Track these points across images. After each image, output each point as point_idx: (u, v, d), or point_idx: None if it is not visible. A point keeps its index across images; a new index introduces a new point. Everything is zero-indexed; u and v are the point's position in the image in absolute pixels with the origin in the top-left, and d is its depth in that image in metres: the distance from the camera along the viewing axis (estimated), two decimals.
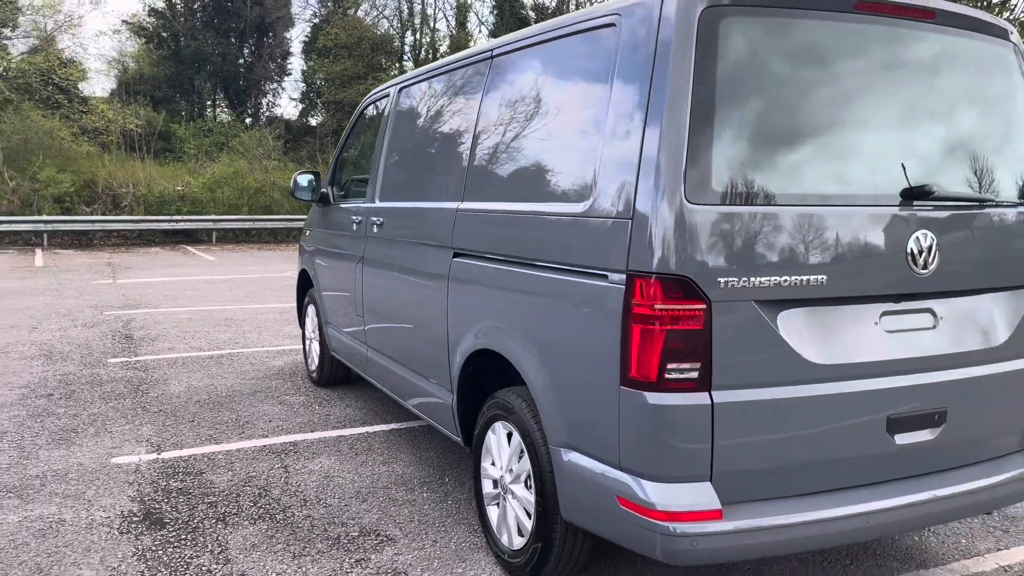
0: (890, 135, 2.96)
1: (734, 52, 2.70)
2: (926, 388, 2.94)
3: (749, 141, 2.71)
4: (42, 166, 22.10)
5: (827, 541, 2.84)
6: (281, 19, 38.24)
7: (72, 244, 21.10)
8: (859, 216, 2.80)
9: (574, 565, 3.24)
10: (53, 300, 11.20)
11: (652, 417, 2.63)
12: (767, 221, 2.67)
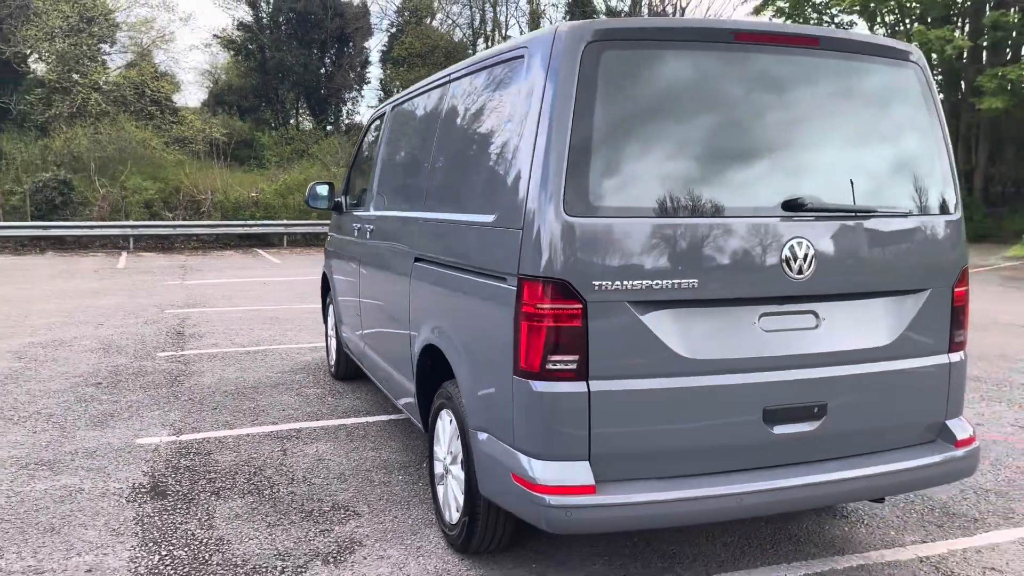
0: (772, 153, 3.24)
1: (614, 82, 3.05)
2: (805, 383, 3.22)
3: (625, 161, 3.04)
4: (130, 174, 23.60)
5: (696, 518, 3.15)
6: (360, 29, 39.46)
7: (155, 247, 22.46)
8: (731, 227, 3.10)
9: (499, 539, 3.62)
10: (124, 299, 12.15)
11: (537, 402, 3.01)
12: (639, 231, 3.00)
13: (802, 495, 3.20)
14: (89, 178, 23.47)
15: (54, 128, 27.06)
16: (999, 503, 4.50)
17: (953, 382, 3.57)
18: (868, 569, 3.73)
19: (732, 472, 3.15)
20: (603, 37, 3.04)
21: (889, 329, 3.39)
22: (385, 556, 3.79)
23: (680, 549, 3.88)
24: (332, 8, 37.57)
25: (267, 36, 37.24)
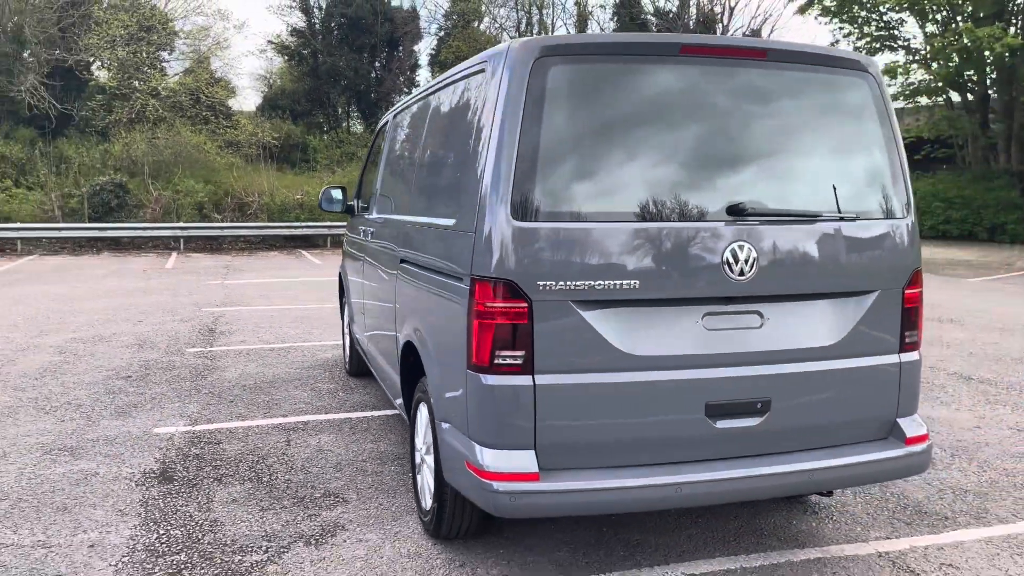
0: (717, 161, 3.39)
1: (561, 95, 3.24)
2: (748, 380, 3.37)
3: (570, 169, 3.23)
4: (181, 177, 24.44)
5: (635, 505, 3.32)
6: (409, 33, 40.05)
7: (204, 248, 23.21)
8: (673, 231, 3.26)
9: (467, 526, 3.83)
10: (166, 298, 12.68)
11: (487, 395, 3.21)
12: (582, 235, 3.19)
13: (743, 487, 3.35)
14: (144, 181, 24.37)
15: (114, 133, 28.13)
16: (975, 503, 4.55)
17: (904, 381, 3.67)
18: (825, 562, 3.85)
19: (674, 463, 3.32)
20: (551, 52, 3.23)
21: (834, 329, 3.51)
22: (364, 540, 4.04)
23: (644, 539, 4.05)
24: (382, 13, 38.24)
25: (319, 41, 38.02)
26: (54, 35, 30.67)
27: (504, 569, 3.74)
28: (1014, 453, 5.40)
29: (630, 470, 3.26)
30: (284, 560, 3.82)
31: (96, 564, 3.76)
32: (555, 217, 3.18)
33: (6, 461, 5.09)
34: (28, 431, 5.70)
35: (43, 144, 26.95)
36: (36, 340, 9.02)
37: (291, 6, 38.68)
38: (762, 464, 3.37)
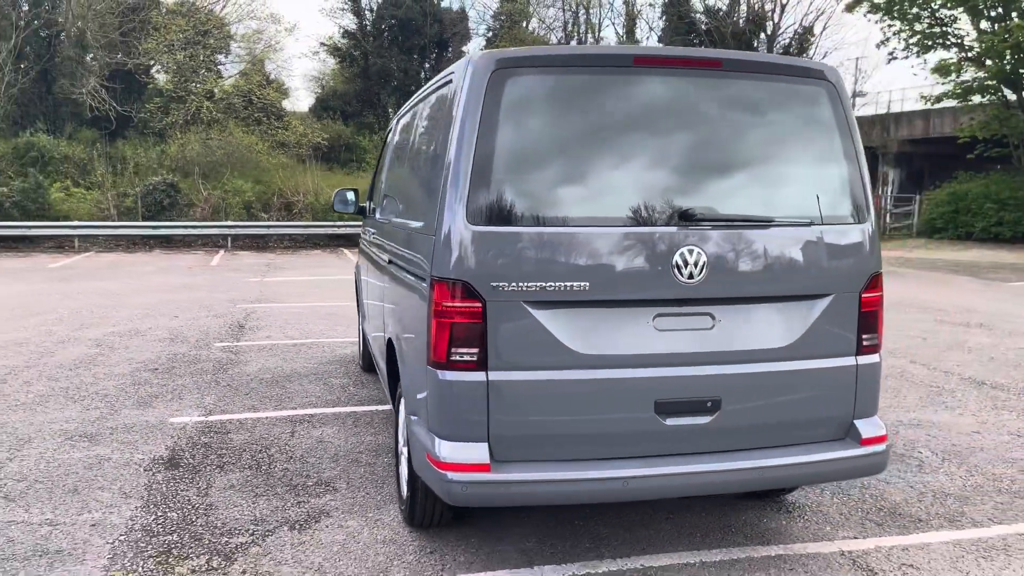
0: (671, 168, 3.51)
1: (517, 105, 3.40)
2: (698, 379, 3.49)
3: (525, 175, 3.39)
4: (230, 177, 25.16)
5: (583, 497, 3.48)
6: (457, 34, 40.48)
7: (251, 246, 23.86)
8: (623, 235, 3.39)
9: (439, 514, 4.02)
10: (204, 294, 13.15)
11: (444, 390, 3.40)
12: (535, 239, 3.34)
13: (690, 482, 3.47)
14: (195, 181, 25.15)
15: (170, 135, 29.07)
16: (953, 507, 4.58)
17: (862, 383, 3.74)
18: (785, 559, 3.94)
19: (624, 459, 3.45)
20: (507, 65, 3.40)
21: (787, 331, 3.60)
22: (344, 526, 4.26)
23: (612, 532, 4.19)
24: (431, 15, 38.73)
25: (370, 43, 38.63)
26: (115, 40, 31.76)
27: (471, 556, 3.92)
28: (1007, 458, 5.39)
29: (579, 464, 3.41)
30: (267, 543, 4.06)
31: (95, 541, 4.04)
32: (509, 221, 3.34)
33: (30, 446, 5.44)
34: (54, 418, 6.06)
35: (103, 145, 28.03)
36: (77, 333, 9.49)
37: (343, 8, 39.49)
38: (711, 461, 3.49)
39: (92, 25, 31.44)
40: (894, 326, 10.46)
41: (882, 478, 4.98)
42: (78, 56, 31.71)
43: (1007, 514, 4.49)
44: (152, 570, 3.77)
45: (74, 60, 31.45)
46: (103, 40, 31.72)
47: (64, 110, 31.24)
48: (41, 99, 31.78)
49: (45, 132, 28.25)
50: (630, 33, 41.22)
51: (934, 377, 7.65)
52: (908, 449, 5.55)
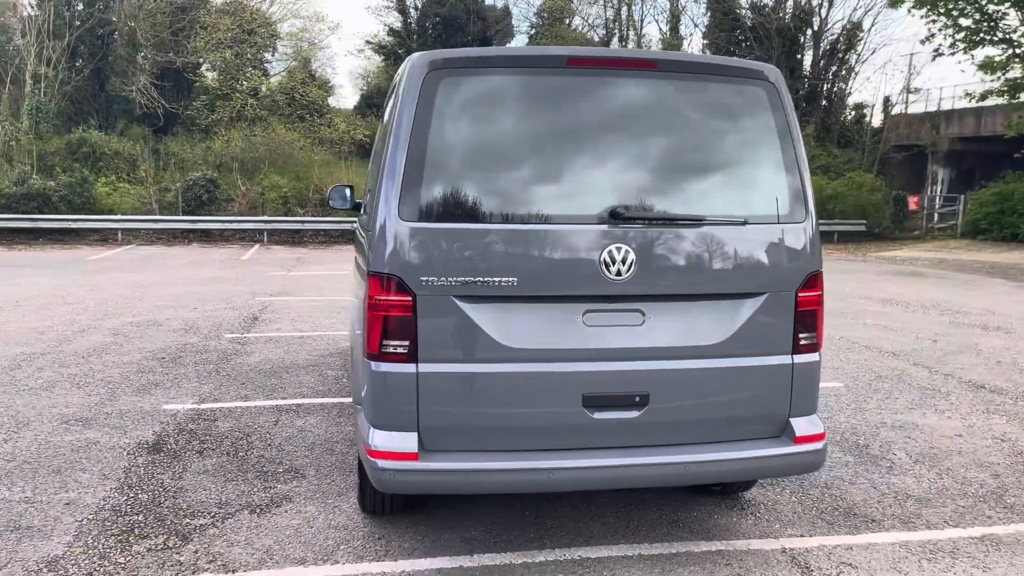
0: (602, 167, 3.58)
1: (450, 105, 3.50)
2: (626, 374, 3.55)
3: (456, 173, 3.49)
4: (267, 173, 25.68)
5: (508, 487, 3.58)
6: (500, 31, 40.67)
7: (286, 241, 24.32)
8: (550, 232, 3.47)
9: (389, 502, 4.15)
10: (228, 287, 13.50)
11: (377, 380, 3.52)
12: (463, 235, 3.44)
13: (616, 475, 3.54)
14: (234, 177, 25.72)
15: (215, 131, 29.77)
16: (912, 508, 4.56)
17: (798, 382, 3.76)
18: (724, 555, 3.98)
19: (550, 450, 3.54)
20: (441, 66, 3.50)
21: (719, 329, 3.64)
22: (303, 511, 4.41)
23: (559, 524, 4.27)
24: (475, 12, 38.97)
25: (415, 41, 38.99)
26: (165, 39, 32.61)
27: (416, 543, 4.04)
28: (983, 462, 5.32)
29: (505, 454, 3.50)
30: (225, 525, 4.23)
31: (65, 519, 4.25)
32: (440, 218, 3.45)
33: (28, 429, 5.71)
34: (56, 403, 6.34)
35: (151, 141, 28.83)
36: (98, 322, 9.85)
37: (388, 7, 39.97)
38: (638, 455, 3.55)
39: (143, 24, 32.32)
40: (908, 328, 10.31)
41: (847, 478, 4.98)
42: (129, 55, 32.61)
43: (965, 518, 4.45)
44: (111, 547, 3.96)
45: (125, 59, 32.35)
46: (153, 39, 32.60)
47: (116, 107, 32.19)
48: (94, 96, 32.79)
49: (97, 128, 29.18)
50: (674, 30, 40.88)
51: (932, 380, 7.54)
52: (883, 451, 5.51)
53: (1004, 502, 4.67)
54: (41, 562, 3.80)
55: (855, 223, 27.41)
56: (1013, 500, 4.70)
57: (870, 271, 18.44)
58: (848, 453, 5.45)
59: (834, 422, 6.14)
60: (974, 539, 4.20)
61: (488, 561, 3.87)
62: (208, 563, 3.82)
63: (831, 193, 27.20)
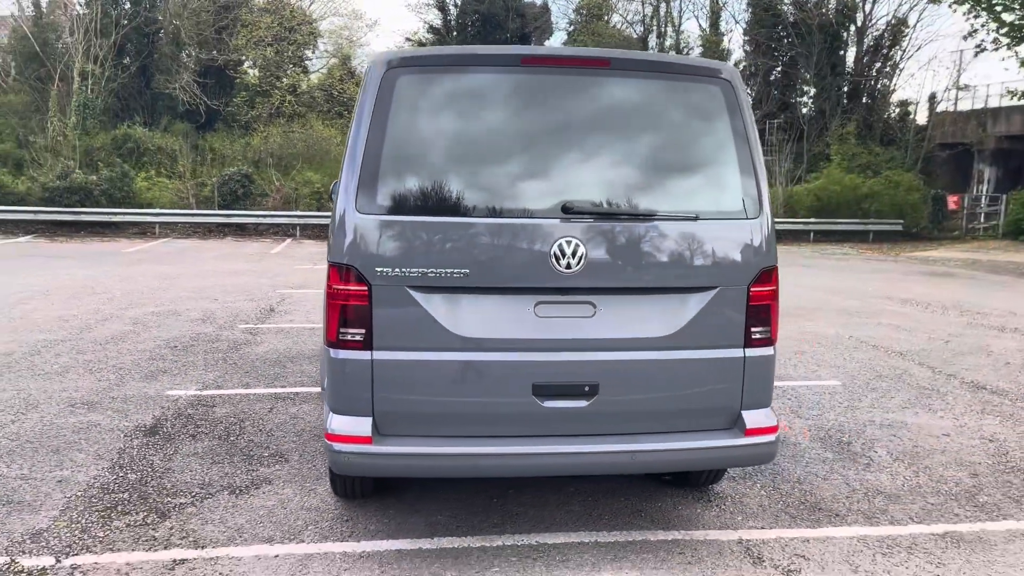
0: (555, 163, 3.67)
1: (406, 102, 3.63)
2: (575, 364, 3.65)
3: (411, 169, 3.61)
4: (301, 169, 26.12)
5: (456, 472, 3.70)
6: (539, 28, 40.80)
7: (318, 235, 24.67)
8: (502, 226, 3.58)
9: (358, 485, 4.30)
10: (252, 279, 13.82)
11: (335, 367, 3.66)
12: (417, 227, 3.56)
13: (564, 462, 3.64)
14: (268, 172, 26.21)
15: (255, 128, 30.36)
16: (879, 504, 4.58)
17: (750, 375, 3.82)
18: (680, 544, 4.05)
19: (501, 437, 3.65)
20: (399, 64, 3.63)
21: (669, 321, 3.72)
22: (280, 493, 4.58)
23: (523, 511, 4.38)
24: (514, 9, 39.16)
25: (454, 38, 39.28)
26: (208, 37, 33.32)
27: (381, 525, 4.18)
28: (964, 462, 5.31)
29: (456, 440, 3.63)
30: (203, 504, 4.41)
31: (55, 495, 4.48)
32: (396, 211, 3.58)
33: (37, 411, 5.99)
34: (67, 387, 6.62)
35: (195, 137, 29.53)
36: (121, 312, 10.19)
37: (428, 4, 40.39)
38: (585, 443, 3.65)
39: (187, 23, 33.04)
40: (922, 328, 10.19)
41: (821, 474, 5.01)
42: (173, 53, 33.37)
43: (931, 515, 4.46)
44: (93, 522, 4.17)
45: (169, 57, 33.12)
46: (197, 37, 33.33)
47: (160, 104, 32.99)
48: (140, 93, 33.62)
49: (142, 124, 29.96)
50: (714, 26, 40.53)
51: (934, 380, 7.48)
52: (864, 448, 5.52)
53: (976, 501, 4.67)
54: (26, 534, 4.02)
55: (891, 223, 27.00)
56: (986, 499, 4.69)
57: (899, 271, 18.18)
58: (829, 450, 5.47)
59: (822, 420, 6.15)
60: (935, 536, 4.21)
61: (447, 544, 3.99)
62: (181, 539, 4.01)
63: (866, 192, 26.83)
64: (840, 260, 21.11)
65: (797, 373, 7.64)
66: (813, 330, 9.90)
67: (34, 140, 27.19)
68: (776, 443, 3.86)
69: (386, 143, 3.58)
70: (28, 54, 31.78)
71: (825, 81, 35.20)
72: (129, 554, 3.85)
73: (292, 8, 36.24)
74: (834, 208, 27.23)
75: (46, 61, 31.50)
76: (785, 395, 6.82)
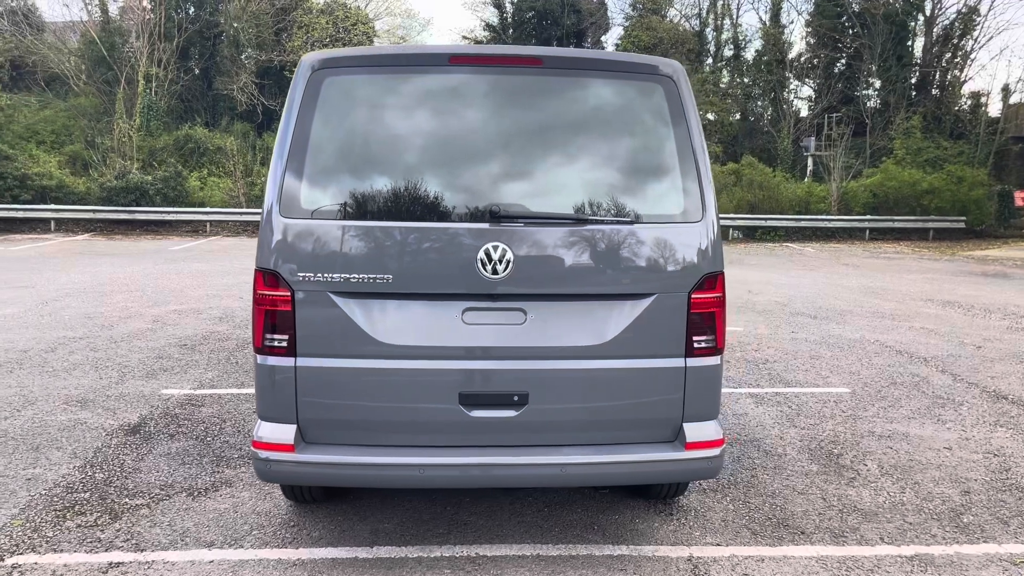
0: (483, 165, 3.56)
1: (332, 104, 3.56)
2: (504, 373, 3.53)
3: (334, 172, 3.54)
4: None
5: (378, 482, 3.61)
6: (595, 24, 40.56)
7: None
8: (425, 230, 3.48)
9: (307, 491, 4.26)
10: None
11: (261, 373, 3.62)
12: (339, 232, 3.49)
13: (490, 474, 3.52)
14: None
15: None
16: (851, 523, 4.34)
17: (692, 386, 3.64)
18: (624, 559, 3.90)
19: (426, 447, 3.56)
20: (325, 65, 3.56)
21: (603, 330, 3.57)
22: (236, 496, 4.58)
23: (473, 520, 4.28)
24: (569, 5, 39.03)
25: (510, 36, 39.31)
26: (267, 38, 34.01)
27: (325, 532, 4.13)
28: (960, 478, 5.00)
29: (379, 449, 3.55)
30: (158, 507, 4.43)
31: (20, 494, 4.56)
32: (318, 215, 3.51)
33: (33, 408, 6.13)
34: (68, 384, 6.77)
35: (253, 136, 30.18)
36: (145, 309, 10.42)
37: (485, 2, 40.59)
38: (512, 454, 3.53)
39: (246, 26, 33.77)
40: (956, 332, 9.72)
41: (799, 488, 4.78)
42: (232, 55, 34.16)
43: (906, 535, 4.20)
44: (46, 522, 4.22)
45: (228, 59, 33.91)
46: (256, 39, 34.05)
47: (221, 105, 33.85)
48: (202, 95, 34.56)
49: (203, 125, 30.77)
50: (775, 18, 39.54)
51: (952, 388, 7.10)
52: (854, 461, 5.25)
53: (959, 521, 4.38)
54: None
55: (953, 220, 25.94)
56: (970, 520, 4.40)
57: (949, 271, 17.42)
58: (815, 462, 5.22)
59: (817, 429, 5.88)
60: (903, 558, 3.96)
61: (384, 554, 3.92)
62: (123, 542, 4.03)
63: (926, 187, 25.81)
64: (890, 259, 20.35)
65: (805, 379, 7.34)
66: (837, 333, 9.53)
67: (101, 141, 28.18)
68: (720, 457, 3.68)
69: (310, 147, 3.53)
70: (96, 58, 32.91)
71: (891, 73, 34.04)
72: (69, 555, 3.88)
73: (347, 8, 36.74)
74: (892, 205, 26.29)
75: (113, 65, 32.60)
76: (785, 402, 6.56)
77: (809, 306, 11.73)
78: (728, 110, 36.62)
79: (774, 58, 36.61)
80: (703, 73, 37.09)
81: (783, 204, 26.76)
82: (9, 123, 29.36)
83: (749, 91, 37.87)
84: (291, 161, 3.52)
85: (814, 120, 35.57)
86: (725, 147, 34.22)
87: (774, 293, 13.12)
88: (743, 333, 9.55)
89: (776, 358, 8.21)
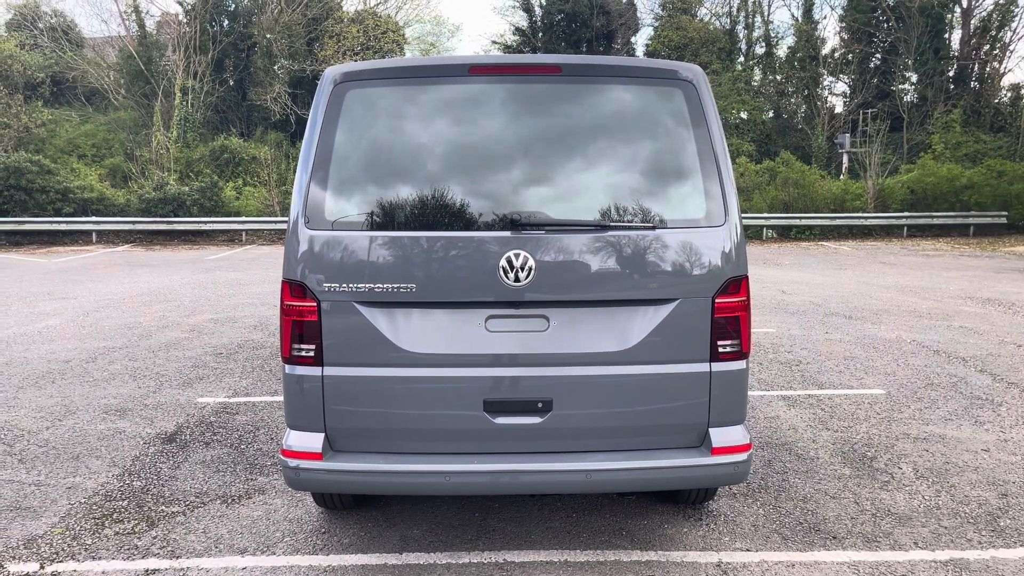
0: (506, 173, 3.57)
1: (355, 116, 3.61)
2: (529, 380, 3.55)
3: (358, 183, 3.59)
4: None
5: (404, 489, 3.63)
6: (623, 25, 40.46)
7: None
8: (449, 239, 3.51)
9: (337, 497, 4.31)
10: None
11: (289, 382, 3.68)
12: (364, 243, 3.54)
13: (516, 481, 3.54)
14: None
15: None
16: (886, 527, 4.28)
17: (717, 391, 3.62)
18: (653, 565, 3.89)
19: (451, 454, 3.58)
20: (347, 79, 3.61)
21: (627, 335, 3.56)
22: (269, 503, 4.65)
23: (502, 526, 4.29)
24: (598, 7, 38.97)
25: (540, 39, 39.40)
26: (299, 49, 34.45)
27: (355, 539, 4.18)
28: (997, 480, 4.91)
29: (405, 457, 3.58)
30: (193, 514, 4.52)
31: (61, 501, 4.68)
32: (344, 226, 3.56)
33: (73, 417, 6.28)
34: (107, 394, 6.93)
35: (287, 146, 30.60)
36: (183, 319, 10.61)
37: (514, 6, 40.73)
38: (538, 461, 3.54)
39: (279, 37, 34.24)
40: (996, 331, 9.53)
41: (831, 492, 4.72)
42: (266, 66, 34.66)
43: (941, 540, 4.14)
44: (86, 529, 4.32)
45: (262, 70, 34.41)
46: (288, 49, 34.51)
47: (255, 115, 34.37)
48: (237, 106, 35.12)
49: (238, 136, 31.26)
50: (807, 13, 39.08)
51: (991, 389, 6.97)
52: (889, 464, 5.18)
53: (996, 525, 4.30)
54: (22, 539, 4.20)
55: (994, 215, 25.40)
56: (1008, 523, 4.32)
57: (990, 268, 17.08)
58: (848, 465, 5.16)
59: (851, 432, 5.81)
60: (938, 563, 3.90)
61: (413, 560, 3.95)
62: (160, 548, 4.11)
63: (965, 183, 25.32)
64: (928, 257, 20.00)
65: (839, 381, 7.25)
66: (873, 334, 9.40)
67: (140, 154, 28.78)
68: (748, 462, 3.65)
69: (334, 159, 3.58)
70: (134, 72, 33.61)
71: (927, 66, 33.47)
72: (107, 563, 3.97)
73: (378, 17, 37.08)
74: (930, 201, 25.84)
75: (150, 78, 33.27)
76: (819, 404, 6.48)
77: (844, 306, 11.58)
78: (761, 108, 36.27)
79: (807, 54, 36.18)
80: (735, 71, 36.81)
81: (818, 202, 26.44)
82: (51, 138, 30.12)
83: (782, 88, 37.48)
84: (315, 173, 3.58)
85: (849, 116, 35.11)
86: (758, 145, 33.90)
87: (808, 293, 12.98)
88: (776, 334, 9.46)
89: (809, 359, 8.13)
